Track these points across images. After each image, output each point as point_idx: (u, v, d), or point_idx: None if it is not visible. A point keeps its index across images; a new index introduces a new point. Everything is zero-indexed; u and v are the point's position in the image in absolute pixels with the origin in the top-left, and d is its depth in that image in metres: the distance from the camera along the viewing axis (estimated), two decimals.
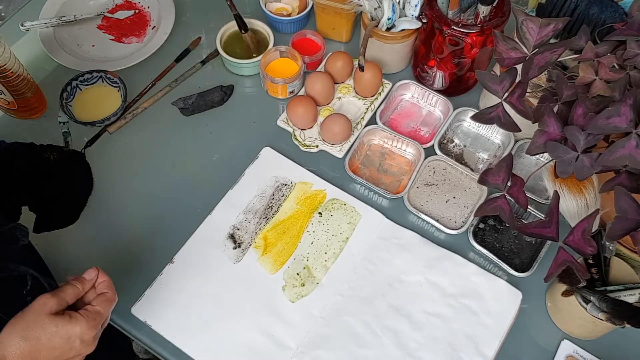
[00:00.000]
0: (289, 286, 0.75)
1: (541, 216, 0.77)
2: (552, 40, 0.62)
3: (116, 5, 1.00)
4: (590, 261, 0.67)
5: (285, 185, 0.83)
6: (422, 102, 0.91)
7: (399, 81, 0.90)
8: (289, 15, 0.97)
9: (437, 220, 0.79)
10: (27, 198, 0.81)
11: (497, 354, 0.71)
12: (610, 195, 0.56)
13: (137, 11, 0.99)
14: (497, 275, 0.76)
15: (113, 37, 0.97)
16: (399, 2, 0.85)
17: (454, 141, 0.88)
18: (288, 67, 0.90)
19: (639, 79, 0.59)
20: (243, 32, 0.91)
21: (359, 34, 0.96)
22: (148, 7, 1.00)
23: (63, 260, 0.77)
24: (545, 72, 0.70)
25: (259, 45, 0.93)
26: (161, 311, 0.73)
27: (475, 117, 0.67)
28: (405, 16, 0.86)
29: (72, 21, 0.96)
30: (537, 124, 0.62)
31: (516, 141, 0.84)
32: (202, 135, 0.88)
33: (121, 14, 0.99)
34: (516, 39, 0.63)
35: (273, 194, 0.82)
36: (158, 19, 0.98)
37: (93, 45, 0.96)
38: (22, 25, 0.94)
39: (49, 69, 0.93)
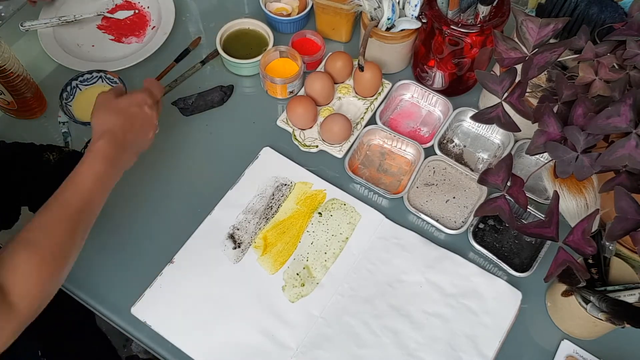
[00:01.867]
0: (289, 286, 0.75)
1: (541, 216, 0.77)
2: (552, 40, 0.62)
3: (116, 5, 1.00)
4: (590, 261, 0.67)
5: (285, 185, 0.83)
6: (422, 102, 0.91)
7: (398, 81, 0.90)
8: (289, 15, 0.97)
9: (437, 220, 0.79)
10: (27, 198, 0.81)
11: (497, 354, 0.71)
12: (610, 195, 0.56)
13: (136, 11, 0.99)
14: (497, 275, 0.76)
15: (113, 37, 0.97)
16: (398, 2, 0.85)
17: (453, 141, 0.88)
18: (288, 67, 0.90)
19: (639, 79, 0.59)
20: None
21: (359, 34, 0.96)
22: (148, 7, 1.00)
23: None
24: (545, 72, 0.70)
25: None
26: (161, 311, 0.73)
27: (475, 117, 0.67)
28: (405, 16, 0.86)
29: (72, 21, 0.96)
30: (537, 124, 0.62)
31: (516, 141, 0.84)
32: (202, 135, 0.88)
33: (121, 14, 0.99)
34: (516, 39, 0.63)
35: (273, 194, 0.82)
36: (158, 19, 0.98)
37: (93, 46, 0.96)
38: (21, 26, 0.94)
39: (49, 69, 0.93)
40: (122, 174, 0.68)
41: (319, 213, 0.80)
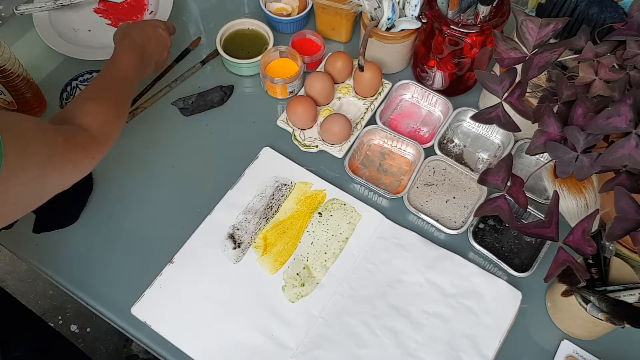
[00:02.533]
0: (289, 286, 0.75)
1: (541, 216, 0.77)
2: (552, 40, 0.62)
3: None
4: (590, 261, 0.67)
5: (285, 185, 0.83)
6: (422, 102, 0.91)
7: (398, 81, 0.90)
8: (289, 15, 0.97)
9: (437, 220, 0.79)
10: None
11: (497, 354, 0.71)
12: (610, 195, 0.56)
13: None
14: (497, 275, 0.76)
15: (110, 22, 0.96)
16: (398, 2, 0.85)
17: (453, 141, 0.88)
18: (288, 67, 0.90)
19: (639, 79, 0.59)
20: None
21: (359, 34, 0.96)
22: None
23: (63, 260, 0.77)
24: (545, 72, 0.70)
25: None
26: (161, 311, 0.73)
27: (475, 117, 0.67)
28: (405, 16, 0.86)
29: (68, 4, 0.94)
30: (537, 124, 0.62)
31: (516, 141, 0.84)
32: (202, 135, 0.88)
33: None
34: (516, 39, 0.63)
35: (273, 194, 0.82)
36: (155, 3, 0.97)
37: (89, 30, 0.94)
38: (16, 10, 0.92)
39: (49, 69, 0.93)
40: (144, 75, 0.80)
41: (319, 213, 0.80)
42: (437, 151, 0.84)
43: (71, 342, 1.04)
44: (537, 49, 0.62)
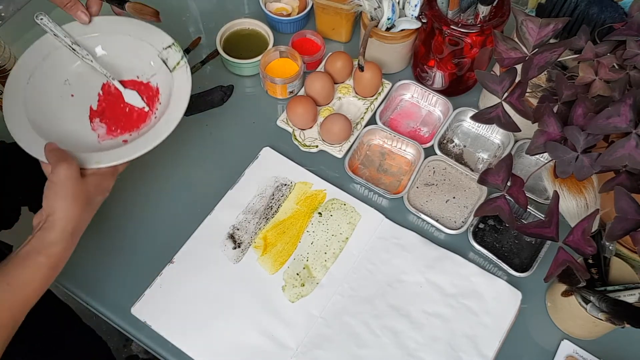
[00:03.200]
0: (289, 286, 0.75)
1: (541, 216, 0.77)
2: (552, 40, 0.62)
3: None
4: (590, 261, 0.67)
5: (285, 185, 0.83)
6: (422, 102, 0.91)
7: (398, 81, 0.90)
8: (289, 15, 0.97)
9: (437, 220, 0.79)
10: (27, 198, 0.81)
11: (497, 354, 0.71)
12: (610, 195, 0.56)
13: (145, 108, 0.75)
14: (497, 275, 0.76)
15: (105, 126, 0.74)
16: (398, 2, 0.85)
17: (453, 141, 0.88)
18: (288, 67, 0.90)
19: (639, 79, 0.59)
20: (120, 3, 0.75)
21: (359, 34, 0.96)
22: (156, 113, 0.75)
23: None
24: (545, 72, 0.70)
25: (154, 14, 0.76)
26: (161, 311, 0.73)
27: (475, 117, 0.67)
28: (405, 16, 0.86)
29: (82, 56, 0.73)
30: (537, 124, 0.62)
31: (516, 141, 0.84)
32: (202, 135, 0.88)
33: (130, 97, 0.75)
34: (516, 39, 0.63)
35: (273, 194, 0.82)
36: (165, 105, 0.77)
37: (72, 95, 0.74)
38: (37, 18, 0.76)
39: None
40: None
41: (319, 213, 0.80)
42: (437, 151, 0.84)
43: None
44: (537, 49, 0.62)
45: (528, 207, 0.74)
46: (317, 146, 0.85)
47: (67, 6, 0.69)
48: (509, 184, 0.65)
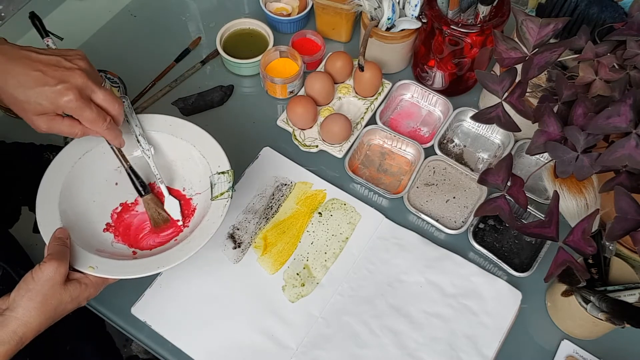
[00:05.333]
0: (289, 286, 0.75)
1: (541, 216, 0.77)
2: (552, 40, 0.62)
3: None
4: (590, 261, 0.67)
5: (285, 185, 0.83)
6: (422, 102, 0.91)
7: (398, 81, 0.90)
8: (289, 15, 0.97)
9: (437, 220, 0.79)
10: (27, 198, 0.81)
11: (497, 354, 0.71)
12: (610, 195, 0.56)
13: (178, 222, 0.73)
14: (497, 276, 0.76)
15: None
16: (398, 2, 0.85)
17: (454, 141, 0.88)
18: (288, 67, 0.90)
19: (639, 79, 0.59)
20: (142, 194, 0.70)
21: (359, 34, 0.96)
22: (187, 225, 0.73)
23: None
24: (545, 72, 0.70)
25: (162, 222, 0.71)
26: (161, 311, 0.73)
27: (475, 117, 0.67)
28: (405, 16, 0.86)
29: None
30: (537, 124, 0.62)
31: (516, 141, 0.84)
32: None
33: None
34: (516, 39, 0.63)
35: (273, 194, 0.82)
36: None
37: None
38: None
39: None
40: None
41: (319, 213, 0.80)
42: (437, 151, 0.84)
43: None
44: (537, 49, 0.62)
45: (528, 207, 0.74)
46: (317, 146, 0.85)
47: (77, 136, 0.62)
48: (509, 184, 0.65)
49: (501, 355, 0.72)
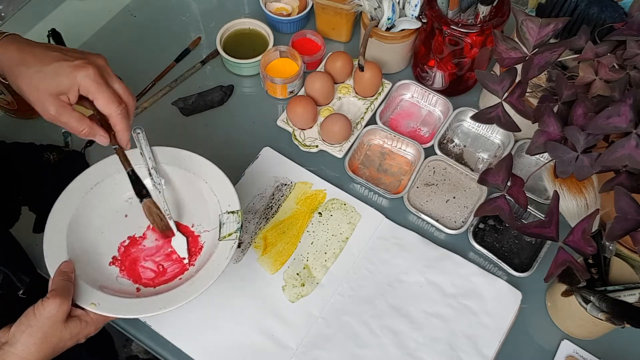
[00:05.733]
0: (289, 286, 0.75)
1: (541, 216, 0.77)
2: (552, 40, 0.62)
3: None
4: (590, 261, 0.67)
5: (285, 185, 0.83)
6: (422, 102, 0.91)
7: (398, 81, 0.90)
8: (289, 15, 0.97)
9: (437, 220, 0.79)
10: (27, 198, 0.81)
11: (497, 354, 0.71)
12: (610, 195, 0.56)
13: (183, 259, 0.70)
14: (497, 276, 0.76)
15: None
16: (398, 2, 0.85)
17: (454, 141, 0.88)
18: (288, 67, 0.90)
19: (639, 79, 0.59)
20: (141, 200, 0.66)
21: (359, 34, 0.96)
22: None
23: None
24: (545, 72, 0.70)
25: (165, 228, 0.68)
26: None
27: (475, 117, 0.67)
28: (405, 16, 0.86)
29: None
30: (537, 124, 0.62)
31: (516, 141, 0.84)
32: (202, 135, 0.88)
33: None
34: (516, 39, 0.63)
35: (273, 194, 0.82)
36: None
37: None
38: None
39: None
40: None
41: (319, 213, 0.80)
42: (437, 151, 0.84)
43: None
44: (537, 49, 0.62)
45: (528, 207, 0.74)
46: (317, 146, 0.85)
47: (83, 133, 0.61)
48: (509, 184, 0.65)
49: (501, 355, 0.72)
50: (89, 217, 0.68)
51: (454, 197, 0.82)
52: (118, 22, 1.00)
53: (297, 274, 0.76)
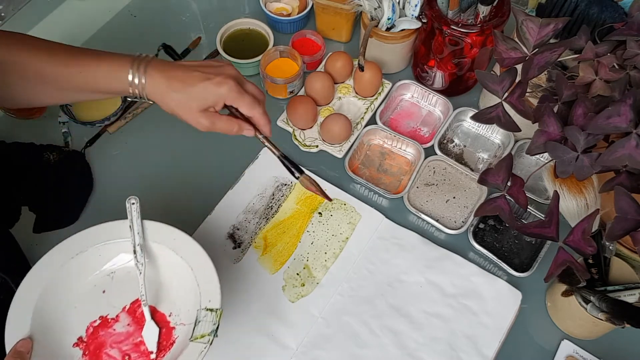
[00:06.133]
0: (289, 286, 0.75)
1: (541, 216, 0.77)
2: (552, 40, 0.62)
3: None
4: (590, 261, 0.67)
5: (285, 185, 0.83)
6: (422, 102, 0.91)
7: (398, 81, 0.90)
8: (289, 15, 0.97)
9: (437, 220, 0.79)
10: (27, 198, 0.81)
11: (496, 354, 0.71)
12: (610, 195, 0.56)
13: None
14: (497, 276, 0.76)
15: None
16: (399, 2, 0.85)
17: (454, 141, 0.88)
18: (288, 67, 0.90)
19: (639, 78, 0.59)
20: (297, 176, 0.67)
21: (359, 34, 0.96)
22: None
23: None
24: (545, 72, 0.70)
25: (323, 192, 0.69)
26: None
27: (475, 117, 0.67)
28: (405, 16, 0.86)
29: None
30: (537, 124, 0.62)
31: (516, 141, 0.84)
32: (201, 135, 0.87)
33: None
34: (516, 39, 0.63)
35: (273, 194, 0.82)
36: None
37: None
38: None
39: None
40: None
41: (319, 213, 0.80)
42: (437, 151, 0.84)
43: None
44: (537, 49, 0.62)
45: (528, 207, 0.74)
46: (317, 146, 0.85)
47: (234, 131, 0.65)
48: (509, 184, 0.65)
49: (501, 355, 0.72)
50: (64, 288, 0.63)
51: (454, 197, 0.82)
52: (118, 22, 1.00)
53: (297, 274, 0.76)
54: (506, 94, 0.63)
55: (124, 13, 1.01)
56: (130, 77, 0.60)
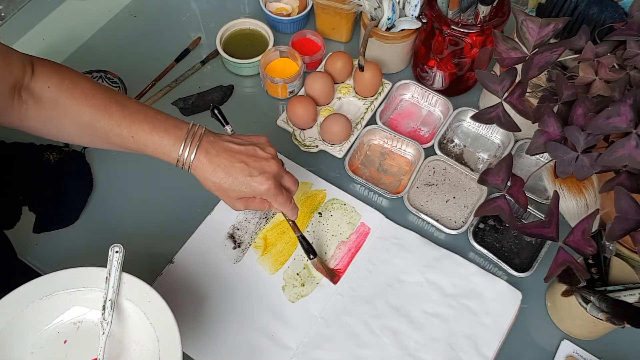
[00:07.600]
0: (289, 286, 0.75)
1: (541, 216, 0.77)
2: (552, 40, 0.62)
3: None
4: (590, 261, 0.67)
5: None
6: (422, 102, 0.91)
7: (398, 81, 0.90)
8: (289, 15, 0.97)
9: (437, 220, 0.79)
10: (27, 198, 0.81)
11: (496, 354, 0.71)
12: (610, 195, 0.56)
13: None
14: (497, 276, 0.76)
15: None
16: (398, 2, 0.85)
17: (454, 141, 0.88)
18: (288, 67, 0.90)
19: (639, 79, 0.59)
20: (311, 257, 0.74)
21: (359, 34, 0.96)
22: None
23: (63, 260, 0.77)
24: (545, 72, 0.70)
25: (332, 274, 0.75)
26: None
27: (475, 117, 0.67)
28: (405, 16, 0.86)
29: None
30: (537, 124, 0.62)
31: (516, 141, 0.84)
32: None
33: None
34: (516, 39, 0.63)
35: None
36: None
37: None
38: None
39: None
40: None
41: (319, 213, 0.80)
42: (437, 151, 0.84)
43: None
44: (537, 49, 0.62)
45: (528, 207, 0.74)
46: (317, 146, 0.85)
47: (266, 209, 0.69)
48: (509, 184, 0.65)
49: (501, 355, 0.72)
50: (26, 330, 0.60)
51: (454, 197, 0.82)
52: (118, 22, 1.00)
53: (297, 274, 0.76)
54: (506, 94, 0.63)
55: (124, 13, 1.01)
56: (179, 154, 0.63)
